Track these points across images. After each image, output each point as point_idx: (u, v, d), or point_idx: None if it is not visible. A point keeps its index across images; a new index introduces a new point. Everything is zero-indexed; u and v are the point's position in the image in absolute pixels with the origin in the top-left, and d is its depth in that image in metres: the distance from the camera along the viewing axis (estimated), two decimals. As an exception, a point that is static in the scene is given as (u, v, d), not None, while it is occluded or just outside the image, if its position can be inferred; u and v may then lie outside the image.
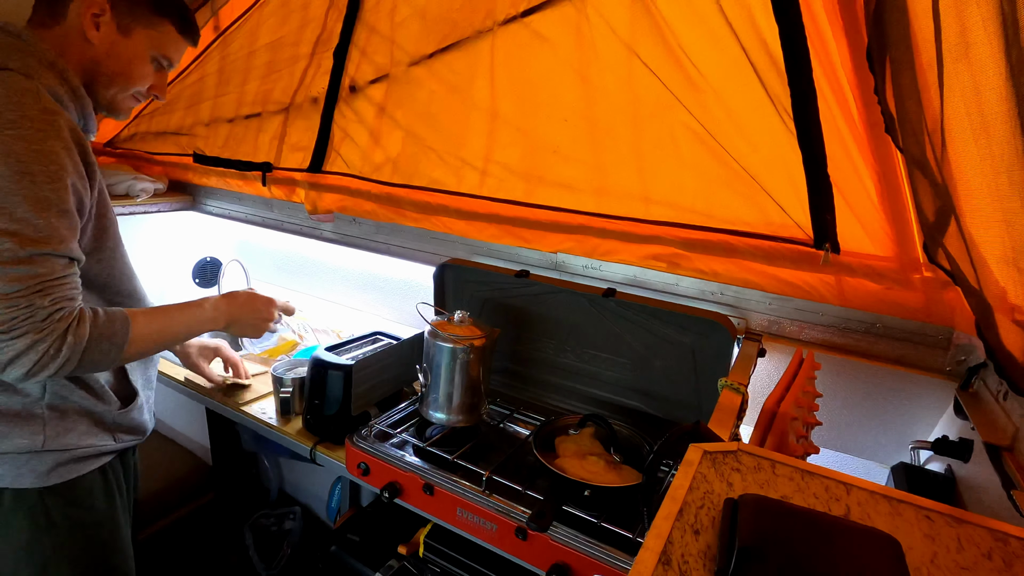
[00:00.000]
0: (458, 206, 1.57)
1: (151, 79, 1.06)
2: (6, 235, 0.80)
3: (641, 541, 0.73)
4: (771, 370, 1.38)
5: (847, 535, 0.49)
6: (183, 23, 1.06)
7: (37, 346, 0.82)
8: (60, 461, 1.00)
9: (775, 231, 1.19)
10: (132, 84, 1.03)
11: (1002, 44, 0.58)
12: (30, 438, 0.96)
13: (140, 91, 1.06)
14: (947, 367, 1.16)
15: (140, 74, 1.03)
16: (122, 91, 1.03)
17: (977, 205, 0.69)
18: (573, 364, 1.45)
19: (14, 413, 0.96)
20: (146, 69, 1.04)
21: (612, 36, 1.27)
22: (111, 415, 1.07)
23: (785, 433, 0.88)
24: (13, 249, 0.80)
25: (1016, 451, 0.84)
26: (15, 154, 0.80)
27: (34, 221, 0.82)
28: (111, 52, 0.98)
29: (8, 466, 0.96)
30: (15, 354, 0.81)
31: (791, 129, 1.11)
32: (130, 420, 1.11)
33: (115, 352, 0.93)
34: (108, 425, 1.07)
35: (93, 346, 0.88)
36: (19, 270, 0.81)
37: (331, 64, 1.71)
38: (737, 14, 1.12)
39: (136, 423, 1.13)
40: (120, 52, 0.99)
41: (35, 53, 0.89)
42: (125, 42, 0.99)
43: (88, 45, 0.96)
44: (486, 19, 1.44)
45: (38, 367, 0.83)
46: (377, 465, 1.21)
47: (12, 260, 0.80)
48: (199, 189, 2.28)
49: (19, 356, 0.81)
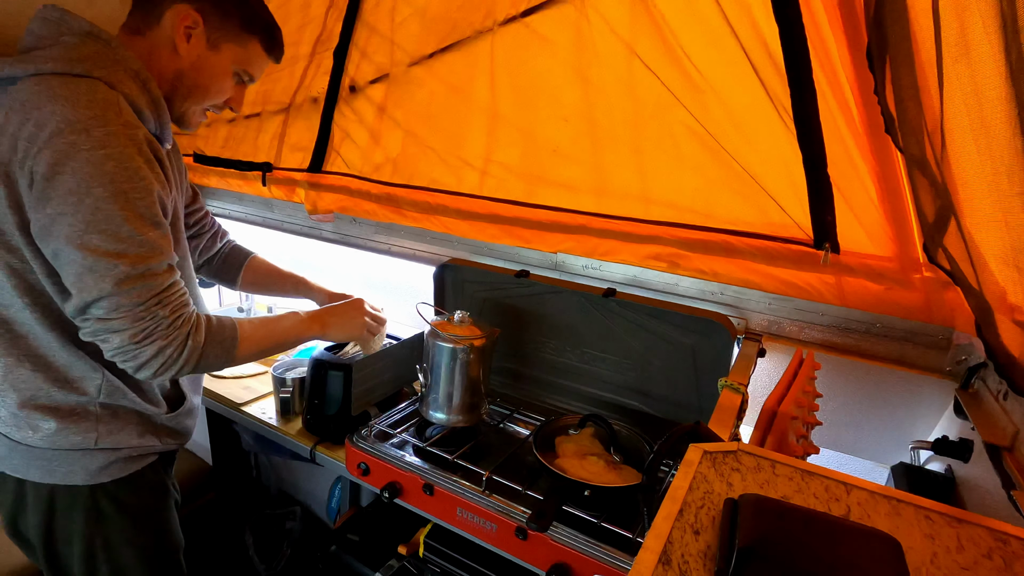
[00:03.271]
0: (458, 206, 1.57)
1: (229, 93, 1.06)
2: (118, 257, 0.84)
3: (641, 541, 0.73)
4: (771, 370, 1.38)
5: (847, 535, 0.49)
6: (270, 41, 1.05)
7: (164, 351, 0.89)
8: (110, 460, 1.02)
9: (775, 231, 1.19)
10: (210, 98, 1.03)
11: (1002, 44, 0.58)
12: (83, 435, 0.98)
13: (216, 104, 1.06)
14: (947, 367, 1.16)
15: (220, 89, 1.03)
16: (198, 104, 1.02)
17: (977, 205, 0.69)
18: (573, 364, 1.45)
19: (69, 410, 0.98)
20: (227, 84, 1.03)
21: (612, 36, 1.27)
22: (160, 418, 1.08)
23: (785, 433, 0.88)
24: (127, 270, 0.84)
25: (1016, 451, 0.84)
26: (108, 174, 0.82)
27: (138, 238, 0.85)
28: (197, 65, 0.98)
29: (60, 462, 0.99)
30: (147, 359, 0.89)
31: (791, 129, 1.11)
32: (176, 423, 1.12)
33: (226, 356, 0.99)
34: (156, 427, 1.08)
35: (208, 349, 0.95)
36: (137, 288, 0.86)
37: (331, 64, 1.71)
38: (737, 14, 1.12)
39: (182, 427, 1.15)
40: (205, 66, 0.99)
41: (121, 61, 0.89)
42: (212, 56, 0.99)
43: (175, 56, 0.96)
44: (486, 19, 1.44)
45: (163, 368, 0.90)
46: (377, 465, 1.21)
47: (129, 278, 0.85)
48: (199, 189, 2.28)
49: (150, 360, 0.89)
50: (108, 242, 0.83)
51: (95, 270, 0.83)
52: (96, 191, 0.81)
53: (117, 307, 0.85)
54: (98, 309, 0.85)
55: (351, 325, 1.23)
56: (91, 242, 0.82)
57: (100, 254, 0.83)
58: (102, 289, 0.83)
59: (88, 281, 0.83)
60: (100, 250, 0.83)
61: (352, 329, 1.24)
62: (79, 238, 0.82)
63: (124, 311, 0.86)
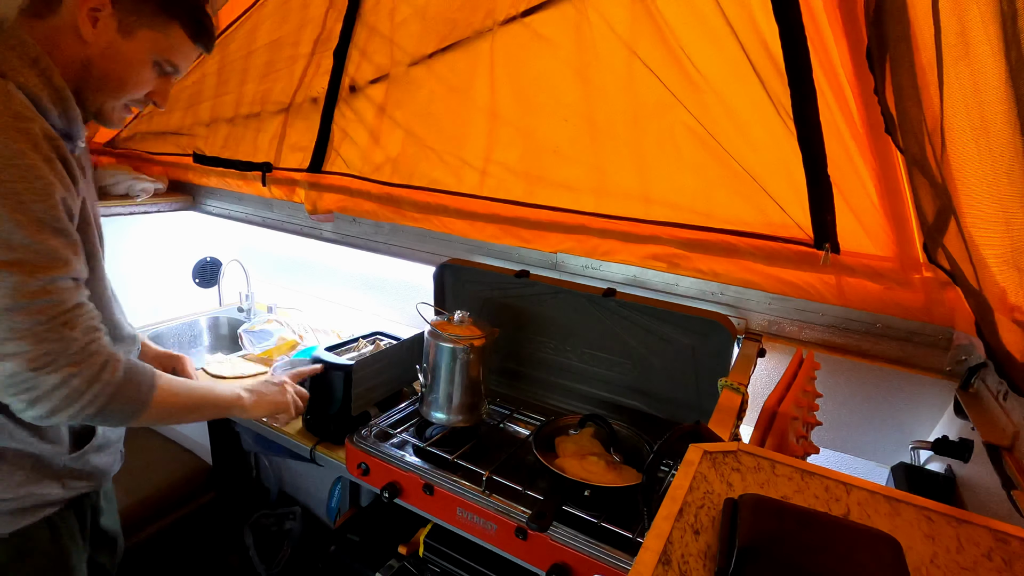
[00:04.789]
0: (458, 206, 1.57)
1: (150, 86, 0.92)
2: (11, 267, 0.72)
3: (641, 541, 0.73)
4: (771, 370, 1.38)
5: (847, 535, 0.49)
6: (196, 26, 0.91)
7: (71, 380, 0.76)
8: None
9: (775, 231, 1.19)
10: (126, 91, 0.90)
11: (1002, 44, 0.58)
12: None
13: (135, 99, 0.92)
14: (947, 367, 1.16)
15: (137, 81, 0.89)
16: (114, 98, 0.89)
17: (977, 205, 0.69)
18: (573, 364, 1.45)
19: None
20: (145, 75, 0.90)
21: (612, 36, 1.27)
22: (60, 459, 0.91)
23: (785, 433, 0.88)
24: (23, 280, 0.73)
25: (1016, 451, 0.84)
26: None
27: (35, 246, 0.74)
28: (107, 54, 0.85)
29: None
30: (46, 390, 0.75)
31: (791, 129, 1.11)
32: (83, 464, 0.95)
33: (135, 407, 0.85)
34: (56, 471, 0.91)
35: (120, 393, 0.82)
36: (37, 303, 0.74)
37: (331, 64, 1.71)
38: (737, 14, 1.12)
39: (91, 467, 0.97)
40: (117, 55, 0.86)
41: (16, 46, 0.77)
42: (125, 44, 0.86)
43: (81, 44, 0.83)
44: (486, 19, 1.44)
45: (63, 404, 0.76)
46: (377, 465, 1.21)
47: (26, 293, 0.73)
48: (199, 189, 2.28)
49: (50, 392, 0.75)
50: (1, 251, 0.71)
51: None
52: None
53: (11, 327, 0.72)
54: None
55: (276, 408, 1.15)
56: None
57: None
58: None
59: None
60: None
61: (275, 410, 1.16)
62: None
63: (21, 331, 0.73)
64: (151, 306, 2.16)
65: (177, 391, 0.93)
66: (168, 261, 2.26)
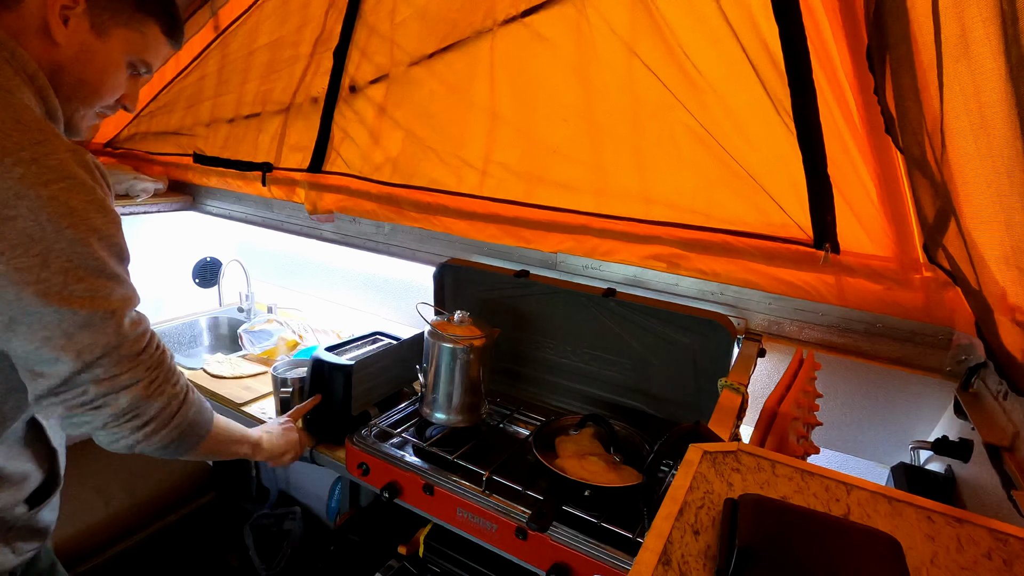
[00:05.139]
0: (458, 206, 1.57)
1: (123, 89, 0.85)
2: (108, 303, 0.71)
3: (641, 541, 0.73)
4: (771, 370, 1.38)
5: (847, 535, 0.49)
6: (171, 23, 0.85)
7: (171, 403, 0.77)
8: None
9: (775, 231, 1.19)
10: (101, 97, 0.82)
11: (1002, 44, 0.58)
12: None
13: (107, 105, 0.85)
14: (947, 367, 1.16)
15: (113, 84, 0.82)
16: (87, 106, 0.82)
17: (977, 205, 0.69)
18: (573, 364, 1.45)
19: None
20: (120, 78, 0.83)
21: (612, 36, 1.27)
22: (12, 516, 0.80)
23: (785, 433, 0.88)
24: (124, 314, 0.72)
25: (1016, 451, 0.84)
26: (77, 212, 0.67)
27: (122, 278, 0.73)
28: (80, 56, 0.77)
29: None
30: (153, 415, 0.75)
31: (791, 129, 1.11)
32: (37, 521, 0.84)
33: (199, 437, 0.84)
34: (5, 532, 0.80)
35: (196, 419, 0.82)
36: (138, 332, 0.74)
37: (331, 64, 1.71)
38: (737, 14, 1.12)
39: (44, 524, 0.87)
40: (91, 57, 0.78)
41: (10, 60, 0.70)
42: (99, 44, 0.78)
43: (51, 46, 0.75)
44: (486, 19, 1.44)
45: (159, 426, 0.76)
46: (377, 465, 1.21)
47: (129, 323, 0.73)
48: (199, 189, 2.28)
49: (154, 417, 0.75)
50: (95, 288, 0.69)
51: (91, 324, 0.69)
52: (67, 232, 0.66)
53: (122, 359, 0.72)
54: (99, 369, 0.70)
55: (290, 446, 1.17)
56: (74, 292, 0.67)
57: (89, 305, 0.69)
58: (107, 344, 0.70)
59: (84, 339, 0.68)
60: (86, 300, 0.68)
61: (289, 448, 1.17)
62: (59, 291, 0.66)
63: (132, 361, 0.73)
64: (151, 306, 2.16)
65: (225, 423, 0.93)
66: (168, 261, 2.26)
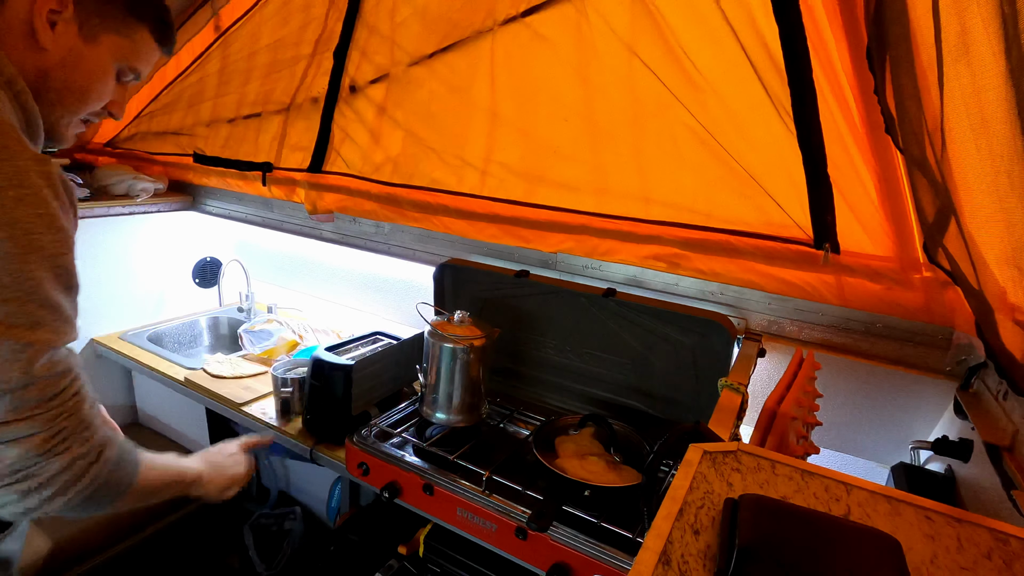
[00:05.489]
0: (458, 206, 1.57)
1: (111, 96, 0.81)
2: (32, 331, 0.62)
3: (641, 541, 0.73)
4: (771, 370, 1.38)
5: (847, 535, 0.49)
6: (163, 28, 0.82)
7: (75, 463, 0.66)
8: None
9: (775, 231, 1.19)
10: (89, 104, 0.78)
11: (1002, 44, 0.58)
12: None
13: (94, 112, 0.81)
14: (947, 367, 1.16)
15: (101, 91, 0.79)
16: (72, 113, 0.78)
17: (977, 205, 0.69)
18: (573, 364, 1.45)
19: None
20: (108, 85, 0.79)
21: (612, 36, 1.27)
22: None
23: (785, 433, 0.88)
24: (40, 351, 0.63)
25: (1016, 451, 0.84)
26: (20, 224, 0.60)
27: (57, 306, 0.64)
28: (67, 62, 0.73)
29: None
30: (49, 476, 0.64)
31: (791, 129, 1.11)
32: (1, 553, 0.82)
33: (121, 490, 0.74)
34: None
35: (115, 473, 0.71)
36: (54, 374, 0.64)
37: (331, 64, 1.71)
38: (737, 14, 1.12)
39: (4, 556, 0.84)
40: (79, 63, 0.74)
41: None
42: (87, 50, 0.75)
43: (36, 51, 0.71)
44: (486, 19, 1.44)
45: (60, 491, 0.65)
46: (377, 465, 1.21)
47: (45, 363, 0.63)
48: (199, 189, 2.28)
49: (51, 479, 0.64)
50: (18, 313, 0.60)
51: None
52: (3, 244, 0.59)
53: (22, 403, 0.61)
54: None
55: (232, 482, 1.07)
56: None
57: (2, 332, 0.59)
58: (8, 381, 0.60)
59: None
60: (4, 325, 0.59)
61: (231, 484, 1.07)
62: None
63: (31, 408, 0.62)
64: (151, 306, 2.16)
65: (154, 465, 0.82)
66: (168, 261, 2.26)
